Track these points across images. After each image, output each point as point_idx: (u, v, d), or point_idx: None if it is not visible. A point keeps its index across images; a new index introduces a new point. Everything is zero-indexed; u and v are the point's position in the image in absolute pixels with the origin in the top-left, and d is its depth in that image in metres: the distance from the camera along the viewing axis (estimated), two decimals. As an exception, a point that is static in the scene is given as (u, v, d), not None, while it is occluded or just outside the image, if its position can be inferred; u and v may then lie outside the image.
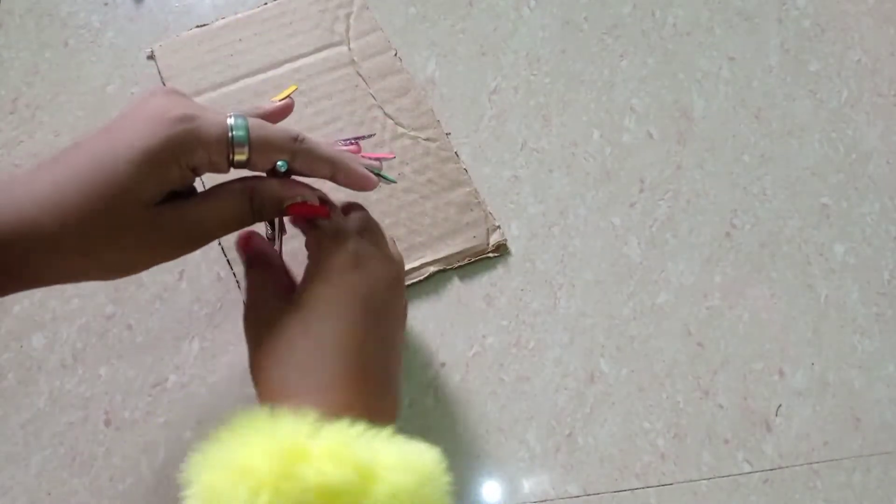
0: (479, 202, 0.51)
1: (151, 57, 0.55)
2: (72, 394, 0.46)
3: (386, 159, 0.43)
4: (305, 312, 0.35)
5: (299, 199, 0.36)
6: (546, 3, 0.59)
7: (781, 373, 0.47)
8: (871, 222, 0.52)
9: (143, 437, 0.44)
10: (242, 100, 0.53)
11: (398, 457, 0.31)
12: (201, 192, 0.35)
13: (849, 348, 0.48)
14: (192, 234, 0.35)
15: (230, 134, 0.33)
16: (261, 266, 0.39)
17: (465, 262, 0.49)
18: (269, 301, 0.37)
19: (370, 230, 0.39)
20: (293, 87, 0.41)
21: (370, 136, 0.46)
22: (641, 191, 0.52)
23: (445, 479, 0.31)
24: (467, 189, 0.51)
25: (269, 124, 0.35)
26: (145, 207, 0.32)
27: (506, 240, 0.50)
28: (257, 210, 0.35)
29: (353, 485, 0.29)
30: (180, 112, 0.32)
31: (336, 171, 0.36)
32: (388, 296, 0.38)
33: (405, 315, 0.41)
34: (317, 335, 0.34)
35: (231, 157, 0.34)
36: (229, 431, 0.31)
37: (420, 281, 0.49)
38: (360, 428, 0.31)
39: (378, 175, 0.39)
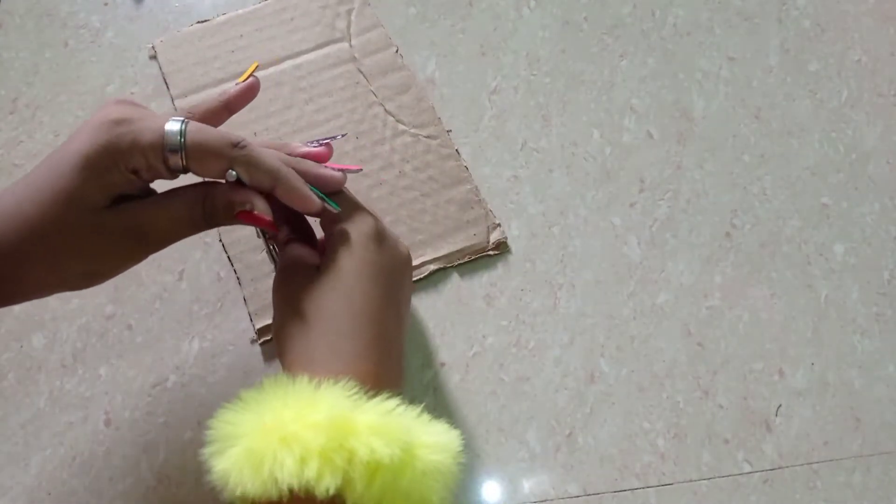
0: (479, 199, 0.51)
1: (154, 57, 0.55)
2: (72, 394, 0.46)
3: (352, 171, 0.42)
4: (335, 283, 0.36)
5: (248, 207, 0.35)
6: (546, 3, 0.59)
7: (781, 373, 0.47)
8: (871, 222, 0.52)
9: (143, 437, 0.44)
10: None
11: (433, 437, 0.32)
12: (156, 195, 0.35)
13: (849, 348, 0.48)
14: (146, 235, 0.35)
15: (164, 140, 0.33)
16: (295, 233, 0.40)
17: (466, 259, 0.49)
18: (301, 269, 0.38)
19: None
20: (255, 65, 0.40)
21: (343, 135, 0.45)
22: (641, 191, 0.52)
23: (462, 458, 0.33)
24: (468, 186, 0.51)
25: (209, 129, 0.34)
26: (93, 212, 0.33)
27: (506, 238, 0.50)
28: (209, 214, 0.35)
29: (398, 461, 0.30)
30: (117, 116, 0.33)
31: (277, 184, 0.35)
32: (405, 272, 0.40)
33: (412, 292, 0.42)
34: (346, 306, 0.35)
35: (166, 161, 0.33)
36: (270, 395, 0.32)
37: (420, 279, 0.49)
38: (395, 403, 0.32)
39: (323, 200, 0.37)
